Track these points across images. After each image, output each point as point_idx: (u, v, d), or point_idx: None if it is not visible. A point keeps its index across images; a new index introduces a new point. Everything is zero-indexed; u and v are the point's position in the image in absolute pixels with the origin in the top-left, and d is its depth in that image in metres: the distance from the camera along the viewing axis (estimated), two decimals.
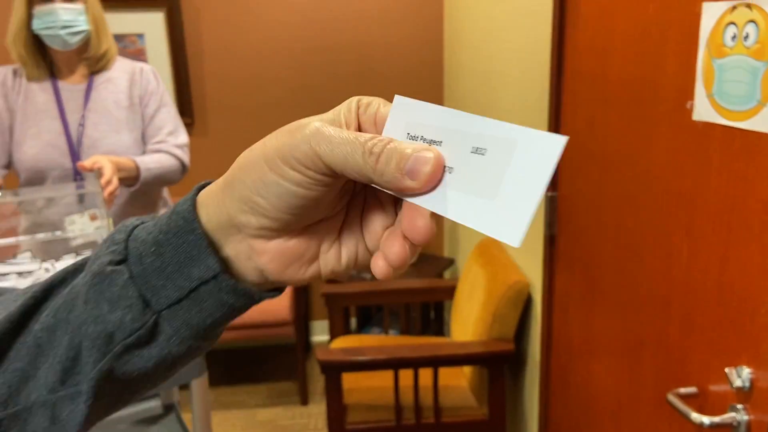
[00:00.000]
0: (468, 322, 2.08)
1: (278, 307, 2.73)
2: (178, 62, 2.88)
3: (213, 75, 2.97)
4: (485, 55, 2.34)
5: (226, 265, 0.37)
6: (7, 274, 1.47)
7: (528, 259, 1.89)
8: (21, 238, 1.62)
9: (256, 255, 0.36)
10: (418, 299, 2.59)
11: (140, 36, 2.84)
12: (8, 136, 1.73)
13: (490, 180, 0.31)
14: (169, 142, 1.83)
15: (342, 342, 2.35)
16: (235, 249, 0.37)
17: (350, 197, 0.39)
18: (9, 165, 1.75)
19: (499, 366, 1.91)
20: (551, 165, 0.29)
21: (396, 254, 0.35)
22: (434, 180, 0.33)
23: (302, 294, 2.87)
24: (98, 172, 1.51)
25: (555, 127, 1.60)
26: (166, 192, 1.99)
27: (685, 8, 1.03)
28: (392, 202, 0.38)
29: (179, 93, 2.89)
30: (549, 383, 1.78)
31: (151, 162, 1.73)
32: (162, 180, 1.79)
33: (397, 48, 3.04)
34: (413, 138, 0.35)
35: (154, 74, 1.86)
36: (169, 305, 0.36)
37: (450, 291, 2.46)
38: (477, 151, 0.32)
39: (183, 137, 1.87)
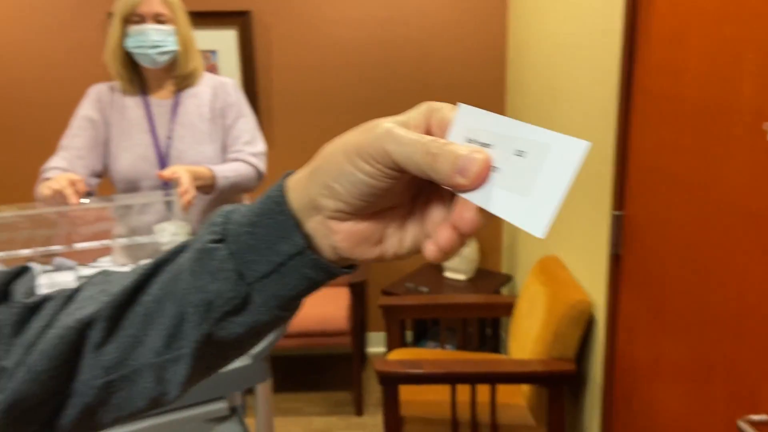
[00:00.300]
0: (527, 340, 2.07)
1: (336, 317, 2.77)
2: (247, 77, 3.00)
3: (280, 89, 3.07)
4: (550, 72, 2.34)
5: (308, 242, 0.42)
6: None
7: (591, 278, 1.87)
8: (104, 242, 1.72)
9: (332, 234, 0.42)
10: (475, 314, 2.59)
11: (213, 52, 2.96)
12: (103, 147, 1.85)
13: (527, 179, 0.36)
14: (246, 151, 1.90)
15: (399, 354, 2.37)
16: (314, 228, 0.42)
17: (417, 191, 0.44)
18: (102, 174, 1.87)
19: (559, 386, 1.89)
20: (574, 166, 0.33)
21: (444, 239, 0.40)
22: (481, 178, 0.37)
23: (359, 305, 2.90)
24: (176, 182, 1.59)
25: (622, 146, 1.58)
26: (246, 199, 2.07)
27: (762, 29, 1.02)
28: (452, 197, 0.42)
29: None
30: (611, 406, 1.75)
31: (228, 170, 1.81)
32: (239, 187, 1.86)
33: (460, 65, 3.07)
34: (471, 141, 0.39)
35: (234, 87, 1.95)
36: (260, 278, 0.42)
37: (507, 308, 2.45)
38: (519, 153, 0.36)
39: (260, 146, 1.95)
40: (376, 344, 3.34)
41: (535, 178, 0.35)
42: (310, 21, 3.00)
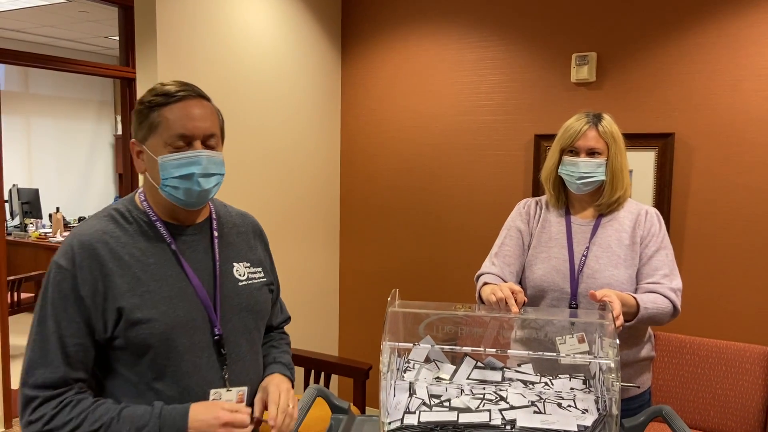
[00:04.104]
0: None
1: None
2: (660, 198, 2.93)
3: (697, 213, 2.91)
4: None
5: None
6: (514, 380, 1.68)
7: None
8: (519, 352, 1.82)
9: None
10: None
11: (629, 172, 2.99)
12: (525, 256, 2.03)
13: None
14: (664, 285, 1.85)
15: None
16: None
17: None
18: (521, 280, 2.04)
19: None
20: None
21: None
22: None
23: None
24: (608, 306, 1.61)
25: None
26: (649, 329, 1.99)
27: None
28: None
29: None
30: None
31: (649, 301, 1.77)
32: (653, 320, 1.81)
33: None
34: None
35: (658, 217, 1.94)
36: None
37: None
38: None
39: (677, 281, 1.88)
40: None
41: None
42: (740, 143, 2.80)
